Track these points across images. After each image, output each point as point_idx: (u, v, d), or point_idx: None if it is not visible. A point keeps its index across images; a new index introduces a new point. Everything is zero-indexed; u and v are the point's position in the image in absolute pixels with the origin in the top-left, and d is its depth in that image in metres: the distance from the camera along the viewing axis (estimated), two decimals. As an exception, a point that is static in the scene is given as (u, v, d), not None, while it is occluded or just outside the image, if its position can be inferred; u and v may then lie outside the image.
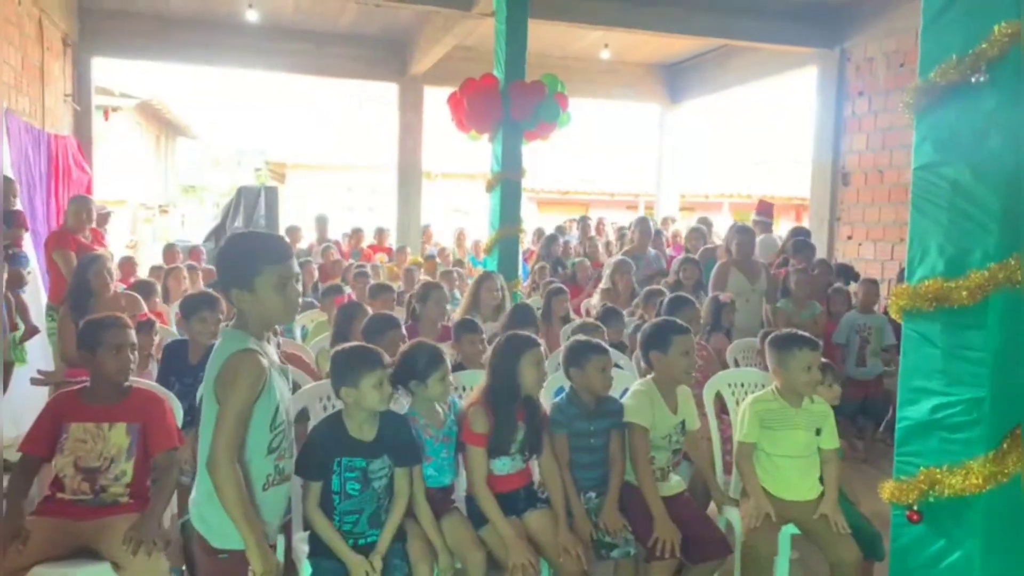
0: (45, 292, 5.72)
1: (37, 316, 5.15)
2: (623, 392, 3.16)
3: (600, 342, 3.06)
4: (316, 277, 7.45)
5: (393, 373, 2.58)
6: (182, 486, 2.83)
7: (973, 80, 2.14)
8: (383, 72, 10.54)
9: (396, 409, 2.69)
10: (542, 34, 8.59)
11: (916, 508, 2.25)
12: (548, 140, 6.46)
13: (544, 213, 17.70)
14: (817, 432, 3.01)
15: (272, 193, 10.58)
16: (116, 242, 10.10)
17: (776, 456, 2.98)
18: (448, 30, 8.40)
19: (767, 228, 7.66)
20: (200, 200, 28.38)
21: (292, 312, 2.19)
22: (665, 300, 4.47)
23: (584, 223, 9.91)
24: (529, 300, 6.64)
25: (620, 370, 3.60)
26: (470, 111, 6.09)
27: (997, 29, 2.10)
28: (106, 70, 11.38)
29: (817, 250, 7.02)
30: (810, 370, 2.96)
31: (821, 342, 3.20)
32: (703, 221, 8.56)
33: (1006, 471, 2.14)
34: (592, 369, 2.91)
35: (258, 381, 2.05)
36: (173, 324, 4.83)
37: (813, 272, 5.90)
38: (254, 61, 10.02)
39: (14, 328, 4.65)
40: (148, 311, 4.63)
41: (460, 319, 4.09)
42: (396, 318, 3.69)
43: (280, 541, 2.49)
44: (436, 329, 4.27)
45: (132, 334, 2.84)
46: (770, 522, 2.84)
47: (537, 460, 2.89)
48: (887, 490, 2.32)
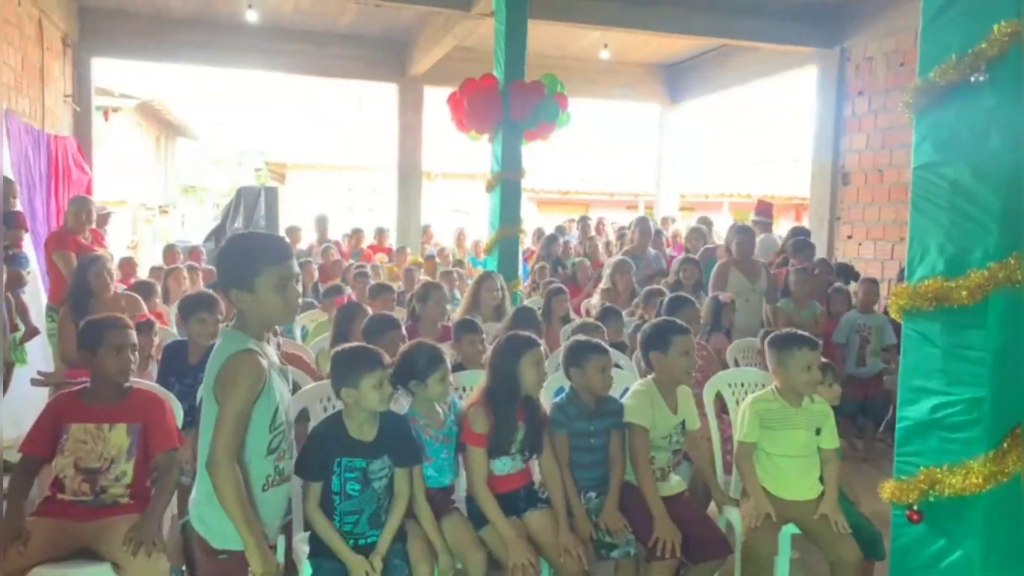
0: (45, 293, 5.72)
1: (37, 317, 5.15)
2: (623, 392, 3.16)
3: (600, 342, 3.06)
4: (316, 277, 7.45)
5: (393, 373, 2.58)
6: (182, 487, 2.84)
7: (973, 79, 2.15)
8: (383, 72, 10.54)
9: (396, 409, 2.69)
10: (542, 34, 8.59)
11: (916, 508, 2.25)
12: (548, 140, 6.47)
13: (544, 213, 17.69)
14: (817, 432, 3.01)
15: (272, 193, 10.58)
16: (116, 243, 10.10)
17: (776, 456, 2.98)
18: (448, 30, 8.40)
19: (767, 228, 7.65)
20: (200, 200, 28.41)
21: (292, 313, 2.19)
22: (665, 300, 4.47)
23: (584, 223, 9.91)
24: (529, 300, 6.64)
25: (620, 370, 3.60)
26: (470, 111, 6.09)
27: (996, 28, 2.10)
28: (106, 70, 11.38)
29: (817, 250, 7.03)
30: (810, 370, 2.96)
31: (821, 342, 3.20)
32: (703, 221, 8.56)
33: (1006, 471, 2.15)
34: (592, 369, 2.91)
35: (258, 382, 2.05)
36: (173, 325, 4.82)
37: (813, 272, 5.90)
38: (254, 61, 10.03)
39: (14, 329, 4.65)
40: (148, 312, 4.64)
41: (460, 319, 4.09)
42: (396, 318, 3.69)
43: (280, 542, 2.49)
44: (436, 329, 4.27)
45: (133, 334, 2.84)
46: (770, 522, 2.84)
47: (537, 460, 2.90)
48: (887, 490, 2.32)
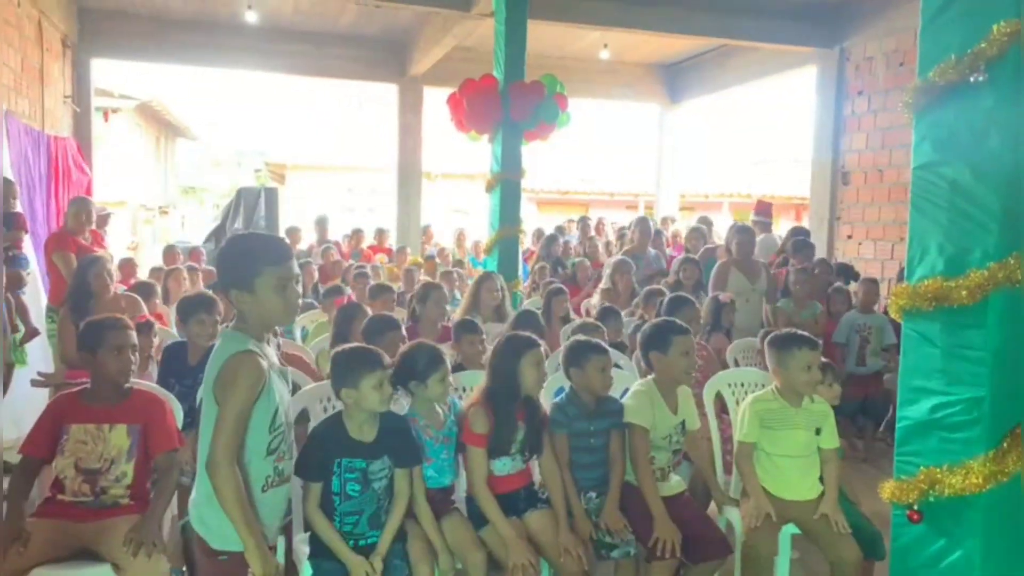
0: (45, 294, 5.72)
1: (37, 318, 5.15)
2: (623, 392, 3.16)
3: (600, 342, 3.06)
4: (316, 278, 7.45)
5: (393, 374, 2.58)
6: (182, 487, 2.84)
7: (972, 79, 2.14)
8: (383, 73, 10.54)
9: (396, 410, 2.69)
10: (541, 34, 8.59)
11: (916, 508, 2.25)
12: (547, 140, 6.47)
13: (544, 213, 17.69)
14: (817, 432, 3.01)
15: (272, 194, 10.58)
16: (116, 243, 10.10)
17: (776, 456, 2.98)
18: (447, 31, 8.40)
19: (766, 228, 7.66)
20: (200, 201, 28.43)
21: (292, 313, 2.19)
22: (665, 300, 4.47)
23: (584, 223, 9.91)
24: (529, 300, 6.65)
25: (620, 370, 3.60)
26: (470, 112, 6.09)
27: (996, 28, 2.10)
28: (106, 71, 11.39)
29: (817, 249, 7.03)
30: (810, 370, 2.96)
31: (821, 342, 3.20)
32: (703, 221, 8.55)
33: (1006, 470, 2.15)
34: (592, 369, 2.91)
35: (257, 382, 2.05)
36: (173, 326, 4.82)
37: (813, 272, 5.90)
38: (254, 62, 10.03)
39: (14, 330, 4.65)
40: (148, 312, 4.64)
41: (460, 320, 4.09)
42: (396, 319, 3.68)
43: (281, 542, 2.49)
44: (436, 330, 4.27)
45: (133, 335, 2.85)
46: (770, 522, 2.84)
47: (537, 460, 2.90)
48: (887, 490, 2.32)
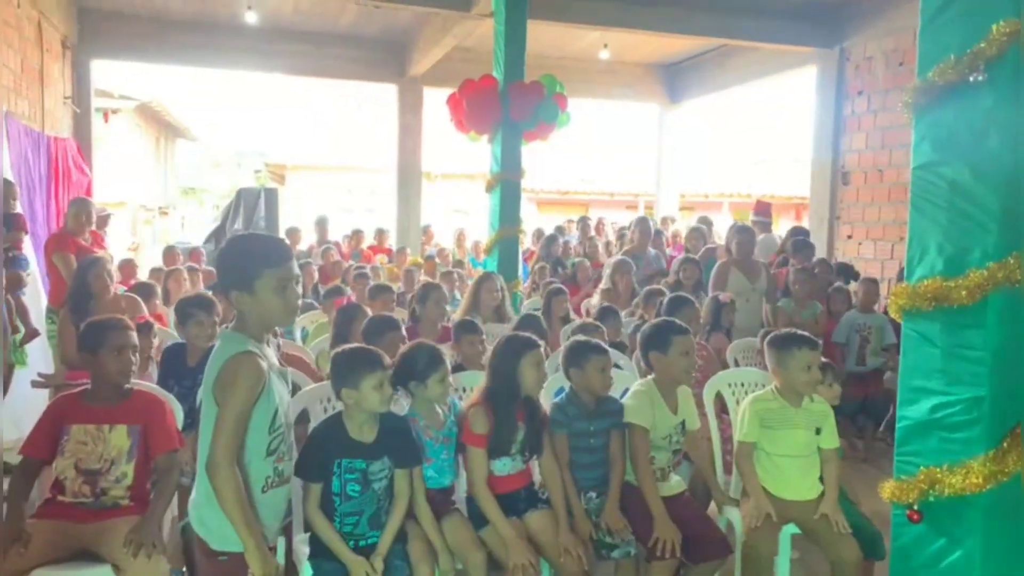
0: (45, 295, 5.72)
1: (37, 319, 5.15)
2: (623, 392, 3.16)
3: (600, 342, 3.06)
4: (316, 279, 7.45)
5: (393, 374, 2.58)
6: (183, 488, 2.84)
7: (971, 79, 2.14)
8: (382, 73, 10.54)
9: (396, 411, 2.69)
10: (541, 35, 8.58)
11: (916, 507, 2.25)
12: (547, 140, 6.46)
13: (544, 213, 17.69)
14: (817, 431, 3.01)
15: (272, 195, 10.58)
16: (116, 244, 10.10)
17: (776, 456, 2.98)
18: (447, 31, 8.40)
19: (766, 228, 7.66)
20: (200, 202, 28.43)
21: (292, 314, 2.19)
22: (665, 300, 4.47)
23: (584, 223, 9.91)
24: (529, 300, 6.65)
25: (620, 370, 3.60)
26: (469, 112, 6.09)
27: (995, 28, 2.10)
28: (105, 72, 11.38)
29: (817, 249, 7.02)
30: (810, 369, 2.96)
31: (821, 341, 3.20)
32: (703, 221, 8.55)
33: (1006, 470, 2.15)
34: (592, 369, 2.91)
35: (257, 383, 2.05)
36: (173, 327, 4.82)
37: (813, 271, 5.90)
38: (253, 63, 10.02)
39: (15, 331, 4.65)
40: (148, 313, 4.64)
41: (460, 320, 4.09)
42: (395, 319, 3.68)
43: (281, 543, 2.49)
44: (436, 330, 4.27)
45: (134, 336, 2.85)
46: (771, 522, 2.84)
47: (537, 461, 2.90)
48: (887, 489, 2.32)
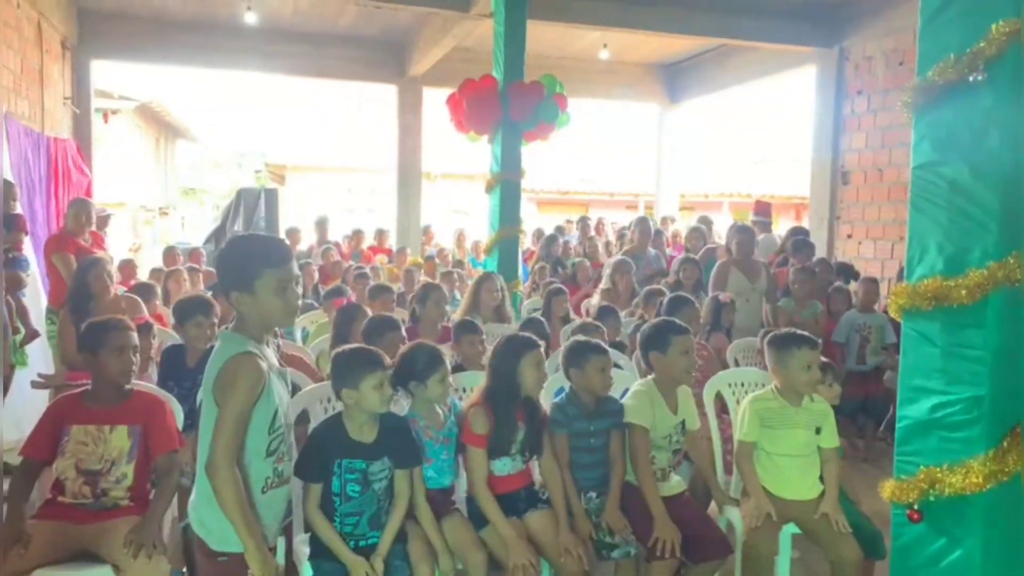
0: (45, 296, 5.72)
1: (37, 320, 5.15)
2: (623, 392, 3.16)
3: (599, 342, 3.06)
4: (316, 279, 7.45)
5: (393, 374, 2.58)
6: (183, 489, 2.84)
7: (971, 79, 2.14)
8: (382, 74, 10.54)
9: (396, 411, 2.69)
10: (541, 35, 8.58)
11: (916, 507, 2.25)
12: (547, 140, 6.46)
13: (544, 213, 17.68)
14: (817, 431, 3.01)
15: (272, 195, 10.57)
16: (116, 245, 10.10)
17: (776, 455, 2.98)
18: (447, 31, 8.40)
19: (766, 228, 7.66)
20: (200, 202, 28.41)
21: (292, 315, 2.19)
22: (665, 300, 4.47)
23: (584, 223, 9.91)
24: (529, 300, 6.65)
25: (620, 370, 3.60)
26: (469, 112, 6.09)
27: (995, 28, 2.10)
28: (105, 73, 11.36)
29: (817, 249, 7.02)
30: (810, 369, 2.97)
31: (820, 341, 3.20)
32: (703, 220, 8.55)
33: (1006, 470, 2.14)
34: (592, 369, 2.91)
35: (257, 384, 2.05)
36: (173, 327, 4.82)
37: (814, 271, 5.89)
38: (253, 63, 10.02)
39: (15, 332, 4.65)
40: (148, 314, 4.64)
41: (460, 320, 4.09)
42: (395, 319, 3.68)
43: (281, 543, 2.49)
44: (436, 330, 4.26)
45: (134, 336, 2.86)
46: (771, 521, 2.84)
47: (537, 461, 2.90)
48: (887, 489, 2.32)
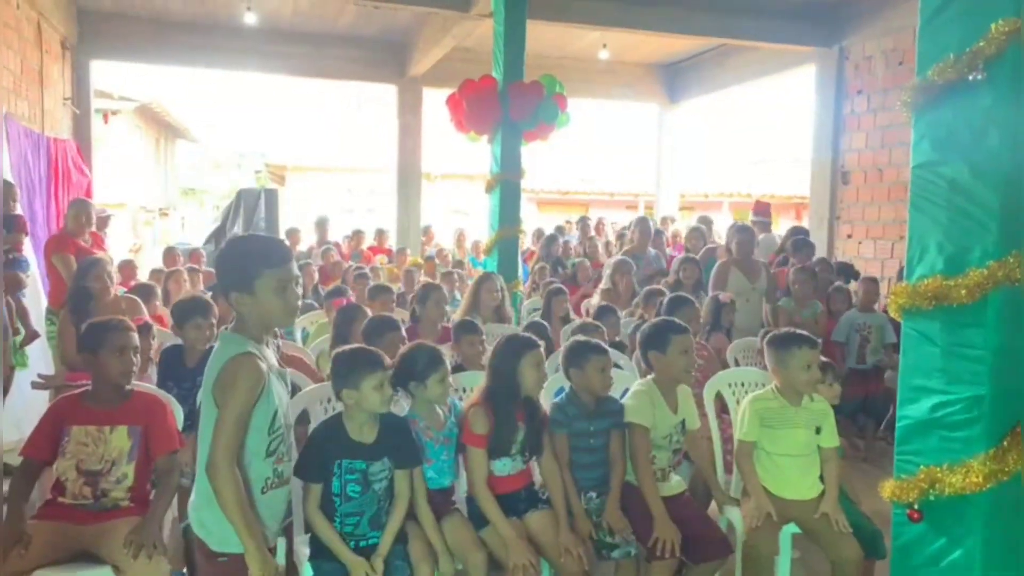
0: (45, 296, 5.72)
1: (37, 320, 5.15)
2: (623, 392, 3.16)
3: (599, 342, 3.06)
4: (316, 279, 7.46)
5: (392, 375, 2.58)
6: (183, 489, 2.84)
7: (971, 78, 2.14)
8: (382, 74, 10.54)
9: (396, 411, 2.69)
10: (540, 35, 8.58)
11: (917, 507, 2.25)
12: (547, 140, 6.46)
13: (544, 213, 17.68)
14: (817, 431, 3.01)
15: (272, 195, 10.58)
16: (116, 245, 10.10)
17: (776, 455, 2.98)
18: (447, 31, 8.40)
19: (766, 228, 7.66)
20: (200, 203, 28.44)
21: (292, 315, 2.19)
22: (665, 300, 4.47)
23: (584, 223, 9.91)
24: (529, 300, 6.65)
25: (620, 370, 3.60)
26: (469, 112, 6.09)
27: (995, 27, 2.10)
28: (105, 73, 11.38)
29: (817, 249, 7.02)
30: (809, 368, 2.97)
31: (820, 341, 3.20)
32: (703, 220, 8.55)
33: (1006, 469, 2.14)
34: (592, 369, 2.91)
35: (257, 385, 2.05)
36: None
37: (814, 271, 5.89)
38: (253, 63, 10.02)
39: (15, 332, 4.65)
40: (148, 314, 4.63)
41: (460, 320, 4.09)
42: (395, 320, 3.68)
43: (281, 544, 2.49)
44: (436, 330, 4.26)
45: (135, 336, 2.86)
46: (771, 521, 2.84)
47: (537, 461, 2.90)
48: (887, 489, 2.32)
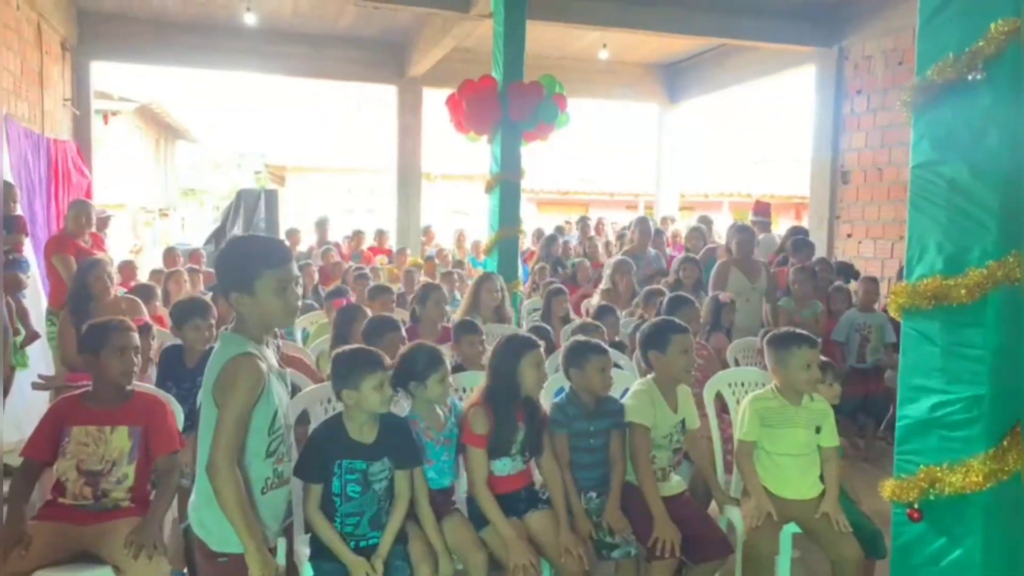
0: (45, 297, 5.72)
1: (37, 321, 5.15)
2: (623, 392, 3.16)
3: (599, 342, 3.06)
4: (316, 279, 7.46)
5: (392, 375, 2.58)
6: (183, 490, 2.84)
7: (970, 78, 2.14)
8: (382, 74, 10.54)
9: (397, 412, 2.69)
10: (540, 35, 8.58)
11: (917, 506, 2.25)
12: (547, 141, 6.46)
13: (544, 213, 17.69)
14: (817, 430, 3.01)
15: (272, 196, 10.58)
16: (116, 246, 10.10)
17: (776, 455, 2.98)
18: (446, 32, 8.40)
19: (766, 228, 7.66)
20: (200, 203, 28.46)
21: (291, 315, 2.19)
22: (665, 300, 4.48)
23: (584, 223, 9.91)
24: (529, 300, 6.65)
25: (620, 370, 3.60)
26: (469, 112, 6.09)
27: (994, 27, 2.10)
28: (105, 74, 11.38)
29: (817, 248, 7.02)
30: (809, 368, 2.97)
31: (820, 340, 3.20)
32: (703, 220, 8.55)
33: (1006, 468, 2.14)
34: (592, 369, 2.91)
35: (257, 385, 2.05)
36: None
37: (814, 270, 5.89)
38: (253, 64, 10.03)
39: (15, 333, 4.65)
40: (149, 315, 4.64)
41: (460, 320, 4.09)
42: (395, 320, 3.68)
43: (281, 544, 2.49)
44: (436, 330, 4.26)
45: (136, 337, 2.86)
46: (771, 521, 2.84)
47: (537, 461, 2.90)
48: (887, 488, 2.32)
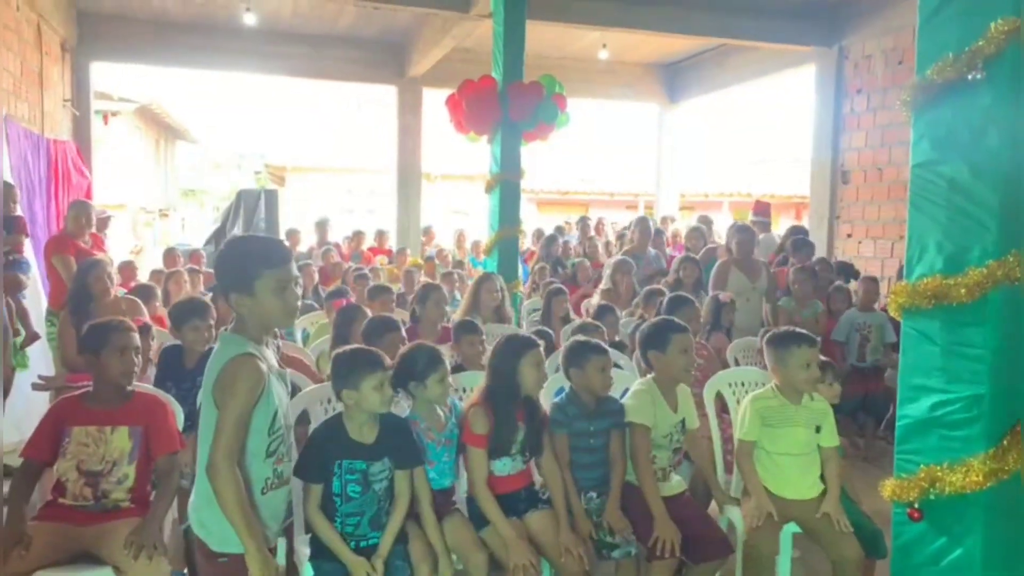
0: (45, 297, 5.72)
1: (37, 322, 5.15)
2: (623, 392, 3.16)
3: (599, 342, 3.06)
4: (316, 280, 7.46)
5: (392, 375, 2.58)
6: (183, 490, 2.84)
7: (970, 77, 2.15)
8: (382, 74, 10.54)
9: (397, 412, 2.69)
10: (540, 35, 8.58)
11: (917, 506, 2.25)
12: (547, 141, 6.46)
13: (544, 213, 17.69)
14: (817, 430, 3.01)
15: (272, 196, 10.57)
16: (116, 246, 10.10)
17: (776, 454, 2.98)
18: (446, 32, 8.40)
19: (766, 228, 7.66)
20: (200, 204, 28.47)
21: (291, 316, 2.19)
22: (665, 300, 4.48)
23: (584, 223, 9.91)
24: (529, 300, 6.65)
25: (620, 370, 3.60)
26: (469, 112, 6.09)
27: (994, 26, 2.10)
28: (105, 74, 11.39)
29: (817, 248, 7.02)
30: (809, 367, 2.97)
31: (820, 339, 3.20)
32: (703, 220, 8.55)
33: (1006, 468, 2.15)
34: (592, 369, 2.91)
35: (257, 385, 2.05)
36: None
37: (814, 270, 5.89)
38: (252, 64, 10.03)
39: (15, 334, 4.65)
40: (149, 315, 4.64)
41: (460, 320, 4.09)
42: (395, 320, 3.68)
43: (282, 544, 2.49)
44: (436, 331, 4.26)
45: (136, 337, 2.87)
46: (772, 521, 2.84)
47: (537, 461, 2.90)
48: (888, 488, 2.32)
